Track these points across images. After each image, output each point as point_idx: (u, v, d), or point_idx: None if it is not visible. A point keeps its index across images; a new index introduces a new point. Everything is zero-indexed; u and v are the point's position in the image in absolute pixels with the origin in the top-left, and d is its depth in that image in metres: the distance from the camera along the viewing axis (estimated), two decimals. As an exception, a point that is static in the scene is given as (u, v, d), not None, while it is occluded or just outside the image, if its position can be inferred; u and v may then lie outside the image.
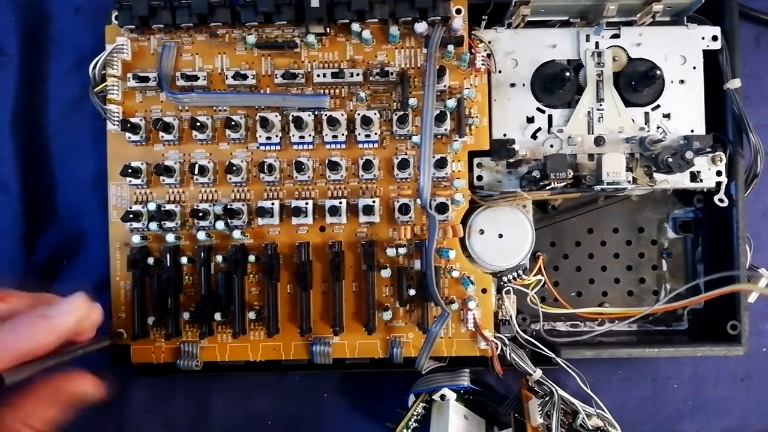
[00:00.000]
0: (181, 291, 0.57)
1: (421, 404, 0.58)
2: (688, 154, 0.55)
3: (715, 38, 0.58)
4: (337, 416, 0.64)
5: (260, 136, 0.56)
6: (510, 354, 0.57)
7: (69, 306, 0.44)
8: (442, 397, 0.57)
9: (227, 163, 0.55)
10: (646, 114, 0.59)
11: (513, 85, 0.59)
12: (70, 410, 0.43)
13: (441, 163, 0.56)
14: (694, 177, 0.58)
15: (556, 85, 0.58)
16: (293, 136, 0.56)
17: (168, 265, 0.57)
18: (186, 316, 0.56)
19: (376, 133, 0.56)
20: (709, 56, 0.59)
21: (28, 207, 0.63)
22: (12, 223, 0.63)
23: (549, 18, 0.59)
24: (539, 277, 0.60)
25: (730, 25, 0.59)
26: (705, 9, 0.57)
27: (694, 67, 0.59)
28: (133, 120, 0.56)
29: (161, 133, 0.56)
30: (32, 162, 0.63)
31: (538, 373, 0.57)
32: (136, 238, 0.57)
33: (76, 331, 0.44)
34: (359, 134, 0.56)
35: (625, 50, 0.59)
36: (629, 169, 0.56)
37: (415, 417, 0.58)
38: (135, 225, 0.56)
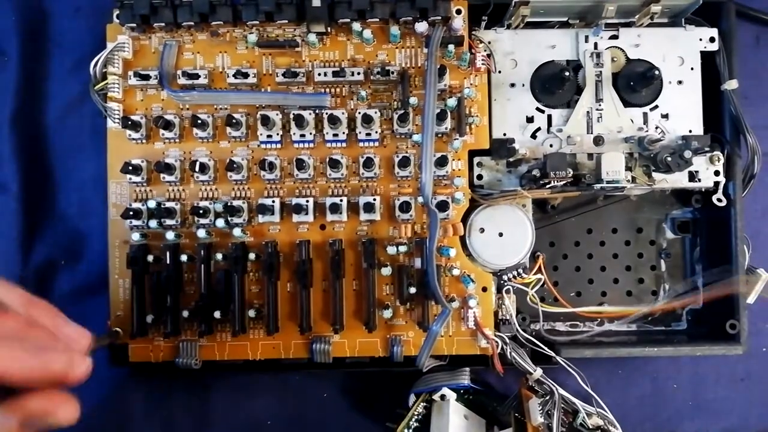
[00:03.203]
0: (180, 289, 0.57)
1: (422, 404, 0.58)
2: (687, 154, 0.55)
3: (712, 39, 0.59)
4: (338, 416, 0.63)
5: (261, 134, 0.56)
6: (510, 353, 0.57)
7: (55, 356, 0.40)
8: (442, 397, 0.57)
9: (228, 161, 0.55)
10: (645, 114, 0.59)
11: (513, 85, 0.59)
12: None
13: (442, 162, 0.56)
14: (692, 177, 0.59)
15: (555, 85, 0.58)
16: (294, 134, 0.57)
17: (168, 263, 0.56)
18: (185, 314, 0.56)
19: (376, 132, 0.56)
20: (707, 57, 0.59)
21: (28, 207, 0.63)
22: (11, 222, 0.63)
23: (548, 19, 0.60)
24: (539, 275, 0.60)
25: (727, 27, 0.59)
26: (702, 11, 0.58)
27: (692, 68, 0.59)
28: (133, 117, 0.56)
29: (162, 131, 0.56)
30: (32, 162, 0.63)
31: (538, 372, 0.56)
32: (135, 236, 0.56)
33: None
34: (360, 133, 0.56)
35: (623, 51, 0.59)
36: (628, 168, 0.57)
37: (416, 417, 0.58)
38: (135, 222, 0.56)
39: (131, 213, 0.55)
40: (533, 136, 0.59)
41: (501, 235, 0.58)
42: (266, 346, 0.57)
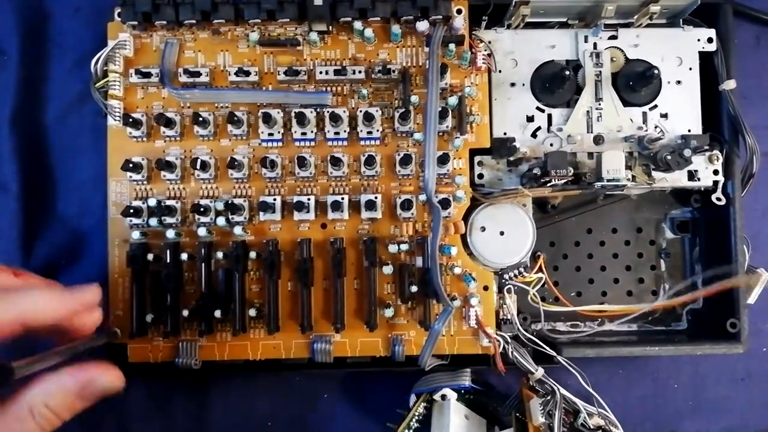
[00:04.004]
0: (180, 288, 0.57)
1: (423, 404, 0.58)
2: (687, 152, 0.56)
3: (710, 40, 0.60)
4: (338, 416, 0.63)
5: (262, 132, 0.56)
6: (512, 352, 0.57)
7: (81, 289, 0.45)
8: (443, 397, 0.57)
9: (229, 159, 0.55)
10: (644, 113, 0.59)
11: (513, 84, 0.59)
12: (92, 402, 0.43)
13: (443, 160, 0.56)
14: (691, 176, 0.59)
15: (555, 84, 0.59)
16: (295, 132, 0.57)
17: (168, 261, 0.56)
18: (185, 313, 0.55)
19: (378, 130, 0.56)
20: (705, 58, 0.60)
21: (28, 207, 0.63)
22: (11, 223, 0.62)
23: (548, 19, 0.60)
24: (540, 275, 0.60)
25: (724, 28, 0.60)
26: (700, 11, 0.58)
27: (690, 68, 0.60)
28: (134, 115, 0.56)
29: (162, 129, 0.56)
30: (32, 162, 0.63)
31: (539, 372, 0.56)
32: (135, 234, 0.56)
33: (77, 317, 0.44)
34: (361, 131, 0.56)
35: (622, 51, 0.60)
36: (628, 167, 0.57)
37: (417, 417, 0.58)
38: (135, 221, 0.56)
39: (131, 211, 0.55)
40: (533, 135, 0.59)
41: (502, 233, 0.58)
42: (267, 345, 0.57)
